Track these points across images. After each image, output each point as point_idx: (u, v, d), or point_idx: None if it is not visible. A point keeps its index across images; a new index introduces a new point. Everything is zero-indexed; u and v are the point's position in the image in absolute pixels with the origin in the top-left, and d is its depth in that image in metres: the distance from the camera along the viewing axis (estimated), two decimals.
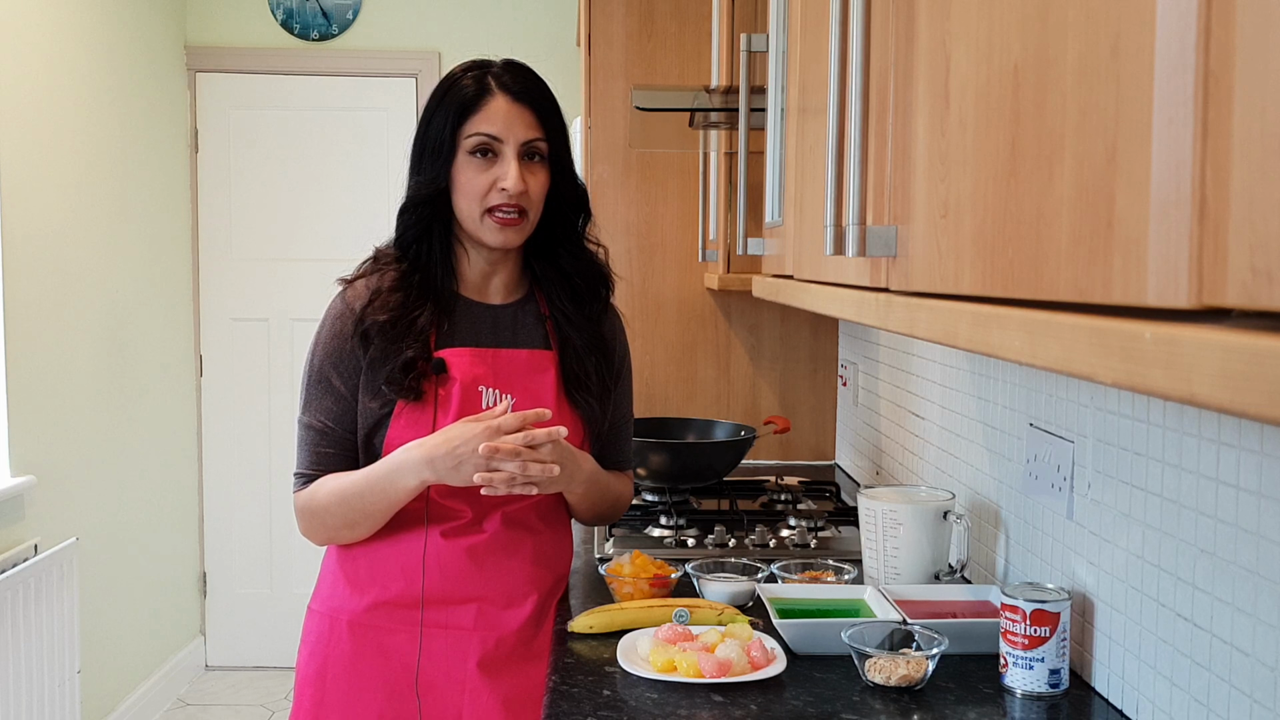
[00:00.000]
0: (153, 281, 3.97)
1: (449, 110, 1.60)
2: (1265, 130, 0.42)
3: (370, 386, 1.60)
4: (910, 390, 2.26)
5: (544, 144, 1.61)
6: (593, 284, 1.71)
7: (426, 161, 1.61)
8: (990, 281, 0.73)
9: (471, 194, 1.59)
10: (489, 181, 1.58)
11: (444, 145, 1.60)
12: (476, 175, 1.58)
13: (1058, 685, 1.40)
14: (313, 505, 1.63)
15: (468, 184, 1.59)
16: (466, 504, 1.61)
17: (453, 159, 1.60)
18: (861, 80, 0.97)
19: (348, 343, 1.62)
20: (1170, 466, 1.24)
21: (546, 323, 1.69)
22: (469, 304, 1.67)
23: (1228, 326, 0.45)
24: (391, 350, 1.58)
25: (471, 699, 1.59)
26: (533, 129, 1.60)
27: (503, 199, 1.57)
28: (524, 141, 1.59)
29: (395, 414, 1.59)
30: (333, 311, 1.65)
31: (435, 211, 1.62)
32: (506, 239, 1.60)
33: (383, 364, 1.59)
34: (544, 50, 4.22)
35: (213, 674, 4.38)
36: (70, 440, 3.35)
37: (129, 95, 3.77)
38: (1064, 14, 0.62)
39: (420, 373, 1.58)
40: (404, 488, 1.55)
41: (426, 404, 1.59)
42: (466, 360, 1.61)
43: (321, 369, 1.63)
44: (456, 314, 1.65)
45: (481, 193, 1.58)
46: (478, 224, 1.60)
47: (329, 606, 1.66)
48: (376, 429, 1.61)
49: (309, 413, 1.64)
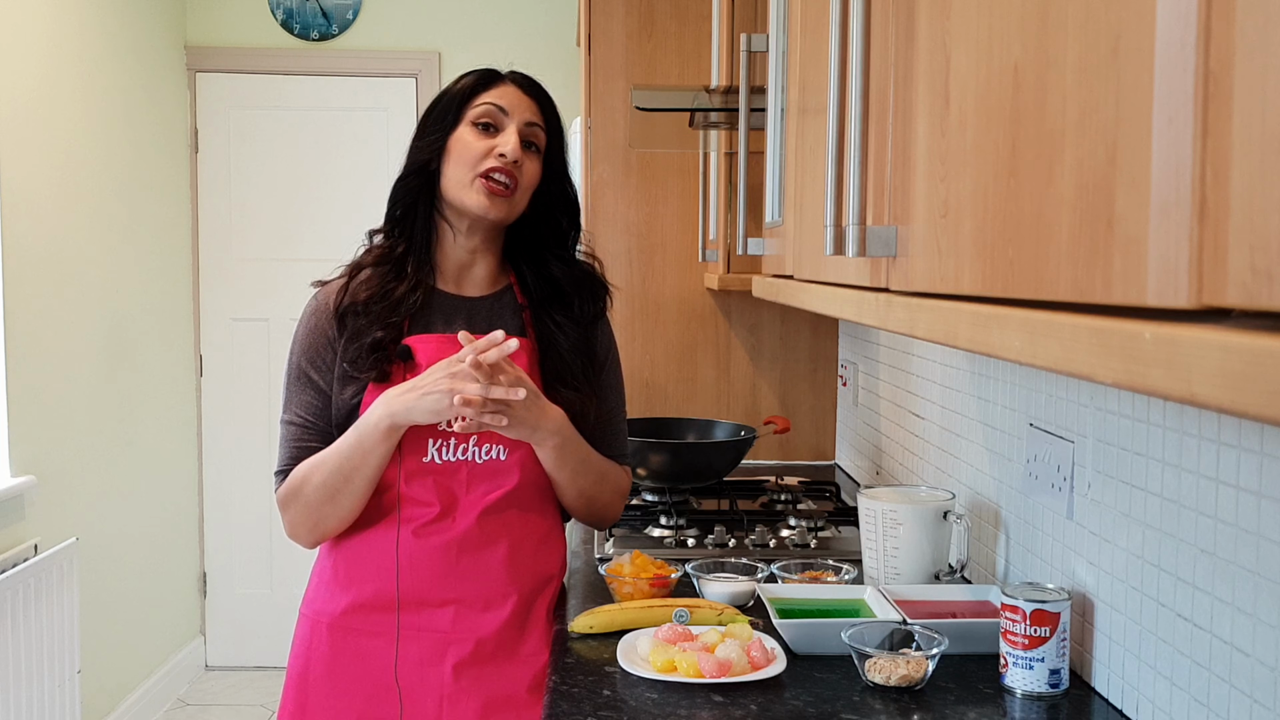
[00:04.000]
0: (153, 281, 3.97)
1: (458, 92, 1.64)
2: (1265, 130, 0.42)
3: (343, 374, 1.61)
4: (910, 390, 2.26)
5: (543, 134, 1.65)
6: (585, 292, 1.70)
7: (429, 131, 1.64)
8: (990, 281, 0.73)
9: (466, 159, 1.60)
10: (486, 148, 1.60)
11: (448, 115, 1.63)
12: (475, 142, 1.61)
13: (1058, 685, 1.40)
14: (292, 488, 1.61)
15: (464, 150, 1.60)
16: (433, 494, 1.59)
17: (454, 128, 1.62)
18: (861, 80, 0.97)
19: (323, 336, 1.63)
20: (1170, 466, 1.24)
21: (524, 313, 1.69)
22: (444, 296, 1.67)
23: (1227, 326, 0.45)
24: (364, 328, 1.59)
25: (450, 704, 1.58)
26: (536, 115, 1.64)
27: (499, 163, 1.59)
28: (527, 121, 1.62)
29: (365, 401, 1.59)
30: (307, 310, 1.68)
31: (424, 184, 1.64)
32: (491, 206, 1.60)
33: (353, 343, 1.59)
34: (544, 50, 4.22)
35: (213, 674, 4.38)
36: (70, 440, 3.35)
37: (129, 95, 3.77)
38: (1064, 14, 0.62)
39: (386, 354, 1.58)
40: (376, 430, 1.53)
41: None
42: (434, 346, 1.61)
43: (299, 365, 1.65)
44: (432, 306, 1.65)
45: (477, 157, 1.60)
46: (465, 187, 1.60)
47: (313, 609, 1.66)
48: (350, 418, 1.61)
49: (289, 410, 1.65)
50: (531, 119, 1.63)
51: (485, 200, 1.60)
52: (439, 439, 1.58)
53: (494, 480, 1.60)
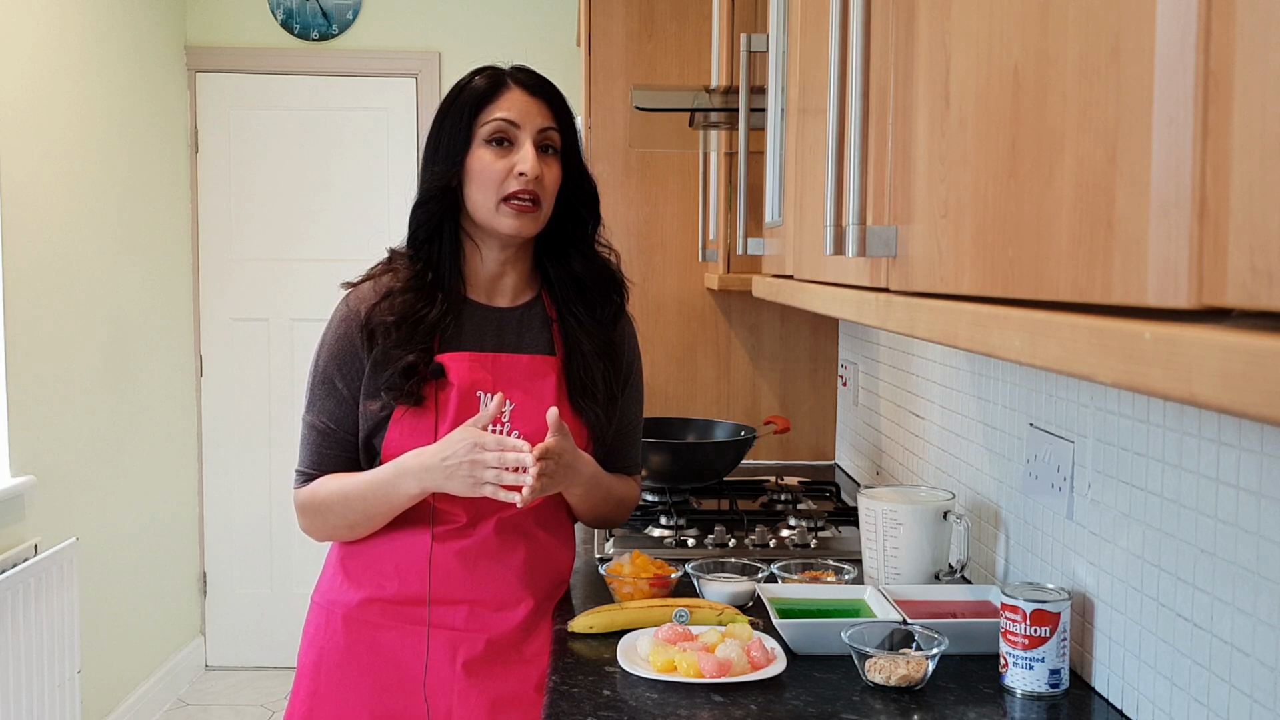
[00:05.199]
0: (153, 281, 3.97)
1: (465, 104, 1.61)
2: (1265, 130, 0.42)
3: (371, 389, 1.61)
4: (910, 390, 2.26)
5: (557, 135, 1.63)
6: (605, 288, 1.71)
7: (442, 153, 1.62)
8: (990, 281, 0.73)
9: (487, 182, 1.59)
10: (506, 168, 1.58)
11: (460, 136, 1.61)
12: (493, 162, 1.59)
13: (1058, 685, 1.40)
14: (314, 504, 1.64)
15: (483, 172, 1.59)
16: (462, 508, 1.62)
17: (468, 149, 1.60)
18: (861, 80, 0.97)
19: (351, 345, 1.62)
20: (1170, 466, 1.24)
21: (552, 326, 1.69)
22: (475, 307, 1.67)
23: (1227, 326, 0.45)
24: (394, 354, 1.58)
25: (460, 700, 1.60)
26: (548, 119, 1.62)
27: (520, 184, 1.58)
28: (540, 129, 1.60)
29: (395, 418, 1.60)
30: (337, 315, 1.66)
31: (447, 207, 1.62)
32: (521, 226, 1.60)
33: (384, 366, 1.59)
34: (544, 50, 4.22)
35: (213, 674, 4.38)
36: (70, 440, 3.35)
37: (129, 95, 3.77)
38: (1064, 14, 0.62)
39: (420, 378, 1.58)
40: (405, 494, 1.56)
41: (426, 409, 1.60)
42: (465, 365, 1.61)
43: (326, 370, 1.64)
44: (463, 317, 1.65)
45: (498, 180, 1.58)
46: (492, 213, 1.60)
47: (327, 599, 1.67)
48: (376, 431, 1.62)
49: (312, 412, 1.65)
50: (544, 124, 1.61)
51: (516, 223, 1.60)
52: None
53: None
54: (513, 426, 1.62)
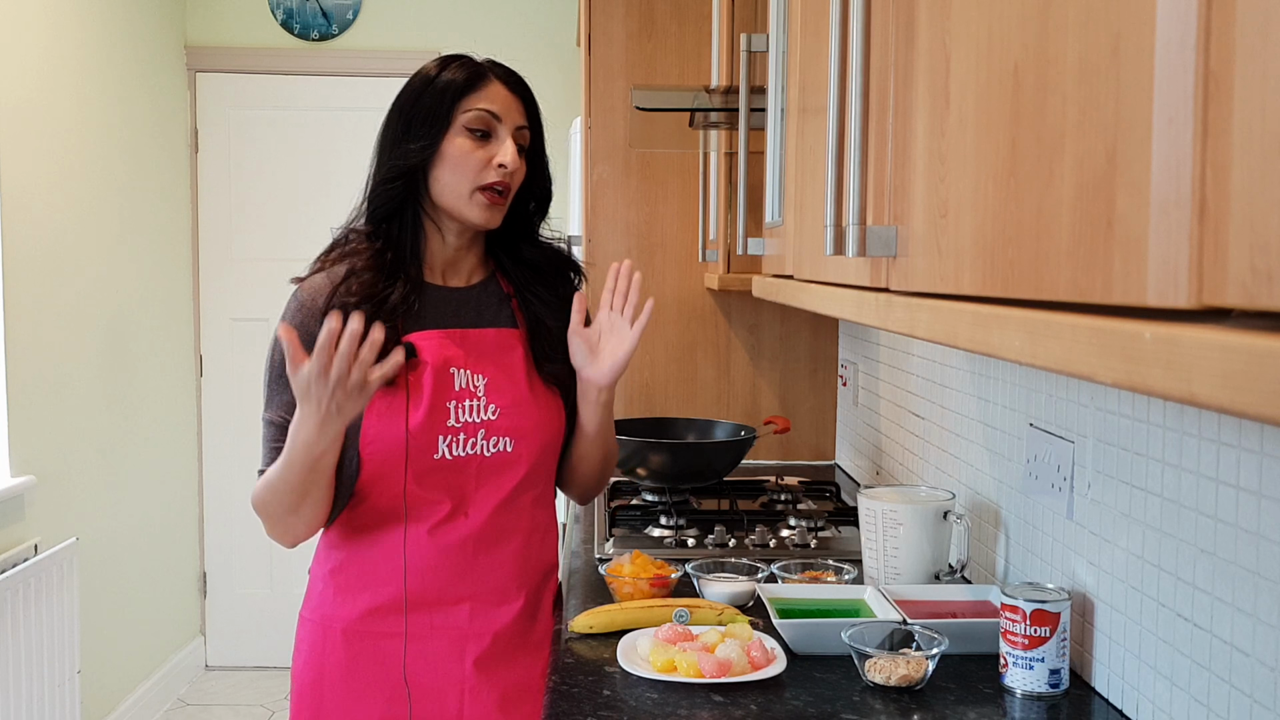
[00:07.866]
0: (153, 281, 3.97)
1: (445, 88, 1.60)
2: (1265, 130, 0.42)
3: None
4: (910, 390, 2.26)
5: (529, 135, 1.64)
6: (560, 268, 1.73)
7: (415, 131, 1.60)
8: (990, 281, 0.73)
9: (465, 169, 1.59)
10: (485, 158, 1.59)
11: (439, 118, 1.60)
12: (473, 150, 1.59)
13: (1058, 685, 1.40)
14: (259, 502, 1.58)
15: (461, 158, 1.59)
16: (443, 492, 1.58)
17: (445, 132, 1.60)
18: (861, 80, 0.97)
19: (310, 337, 1.55)
20: (1170, 466, 1.24)
21: (511, 302, 1.69)
22: (432, 288, 1.66)
23: (1228, 326, 0.45)
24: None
25: (471, 698, 1.59)
26: (524, 118, 1.64)
27: (499, 176, 1.58)
28: (518, 126, 1.62)
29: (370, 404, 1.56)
30: (290, 308, 1.62)
31: (410, 187, 1.62)
32: (490, 218, 1.61)
33: None
34: (544, 50, 4.22)
35: (213, 674, 4.38)
36: (70, 440, 3.35)
37: (129, 95, 3.77)
38: (1064, 14, 0.62)
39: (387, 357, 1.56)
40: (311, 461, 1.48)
41: (398, 390, 1.56)
42: (436, 342, 1.60)
43: (282, 365, 1.57)
44: (422, 299, 1.63)
45: (476, 169, 1.59)
46: (463, 199, 1.59)
47: (320, 614, 1.64)
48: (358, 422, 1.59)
49: (271, 409, 1.60)
50: (521, 122, 1.62)
51: (486, 213, 1.60)
52: (448, 435, 1.57)
53: (503, 473, 1.61)
54: (489, 400, 1.60)
